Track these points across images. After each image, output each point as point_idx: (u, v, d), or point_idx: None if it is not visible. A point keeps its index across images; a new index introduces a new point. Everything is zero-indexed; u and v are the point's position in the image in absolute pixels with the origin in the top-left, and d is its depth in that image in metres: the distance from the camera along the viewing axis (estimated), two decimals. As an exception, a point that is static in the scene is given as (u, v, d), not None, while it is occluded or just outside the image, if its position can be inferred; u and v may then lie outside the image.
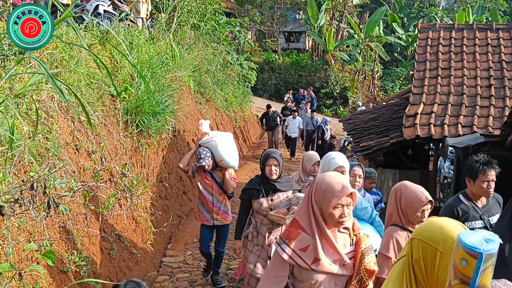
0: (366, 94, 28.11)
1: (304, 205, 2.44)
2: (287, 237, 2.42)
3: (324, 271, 2.38)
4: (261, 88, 26.90)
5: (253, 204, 4.30)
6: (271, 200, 4.26)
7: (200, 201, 5.40)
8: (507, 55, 7.95)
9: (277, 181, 4.26)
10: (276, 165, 4.22)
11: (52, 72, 3.14)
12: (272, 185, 4.25)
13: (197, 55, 12.58)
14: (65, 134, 4.93)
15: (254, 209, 4.30)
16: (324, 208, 2.35)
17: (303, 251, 2.37)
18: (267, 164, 4.22)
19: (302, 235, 2.39)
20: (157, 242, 6.62)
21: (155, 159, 7.60)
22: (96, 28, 7.17)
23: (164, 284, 5.50)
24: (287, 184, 4.36)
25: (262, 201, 4.24)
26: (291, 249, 2.39)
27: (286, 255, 2.39)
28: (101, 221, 5.12)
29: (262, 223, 4.29)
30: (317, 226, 2.38)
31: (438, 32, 8.75)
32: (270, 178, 4.22)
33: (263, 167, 4.26)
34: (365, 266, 2.42)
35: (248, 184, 4.43)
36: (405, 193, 3.04)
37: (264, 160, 4.25)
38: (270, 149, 4.44)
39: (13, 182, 2.46)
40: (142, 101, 6.85)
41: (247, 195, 4.33)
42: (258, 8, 28.39)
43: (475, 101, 7.11)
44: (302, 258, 2.37)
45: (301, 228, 2.40)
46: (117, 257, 5.29)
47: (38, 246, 2.10)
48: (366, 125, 8.89)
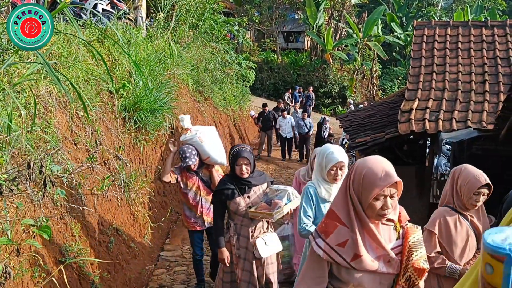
0: (365, 93, 28.20)
1: (342, 193, 2.14)
2: (323, 231, 2.13)
3: (366, 269, 2.08)
4: (260, 88, 27.00)
5: (229, 206, 4.00)
6: (247, 197, 3.98)
7: (187, 206, 5.04)
8: (502, 51, 8.01)
9: (250, 176, 4.00)
10: (246, 164, 3.94)
11: (49, 63, 3.20)
12: (246, 182, 3.97)
13: (195, 54, 12.65)
14: (63, 129, 4.99)
15: (231, 211, 4.01)
16: (364, 199, 2.06)
17: (341, 247, 2.08)
18: (237, 164, 3.93)
19: (339, 228, 2.10)
20: (155, 237, 6.69)
21: (153, 155, 7.66)
22: (94, 25, 7.24)
23: (161, 277, 5.57)
24: (260, 178, 4.10)
25: (238, 200, 3.95)
26: (327, 244, 2.10)
27: (322, 251, 2.11)
28: (99, 214, 5.19)
29: (242, 224, 4.01)
30: (357, 218, 2.09)
31: (433, 29, 8.82)
32: (241, 177, 3.96)
33: (233, 166, 3.98)
34: (413, 263, 2.11)
35: (219, 185, 4.10)
36: (463, 173, 2.92)
37: (234, 159, 3.95)
38: (239, 146, 4.06)
39: (10, 164, 2.53)
40: (140, 97, 6.91)
41: (220, 197, 4.01)
42: (257, 8, 28.51)
43: (470, 97, 7.17)
44: (340, 254, 2.08)
45: (338, 220, 2.11)
46: (115, 250, 5.35)
47: (34, 221, 2.17)
48: (363, 122, 8.96)
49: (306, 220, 3.55)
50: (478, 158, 6.06)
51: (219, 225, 4.07)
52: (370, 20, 26.30)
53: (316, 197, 3.59)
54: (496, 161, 5.98)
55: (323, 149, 3.67)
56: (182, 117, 5.07)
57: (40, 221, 2.18)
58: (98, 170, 4.74)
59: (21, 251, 2.55)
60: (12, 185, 2.08)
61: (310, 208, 3.58)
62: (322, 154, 3.61)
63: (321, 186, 3.58)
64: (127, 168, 6.15)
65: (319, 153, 3.66)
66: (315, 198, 3.59)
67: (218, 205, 4.07)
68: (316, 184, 3.61)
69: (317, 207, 3.59)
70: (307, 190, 3.62)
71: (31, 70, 2.97)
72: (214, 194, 4.11)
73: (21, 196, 2.52)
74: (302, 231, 3.54)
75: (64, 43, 5.61)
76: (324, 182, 3.58)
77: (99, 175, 5.14)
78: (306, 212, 3.57)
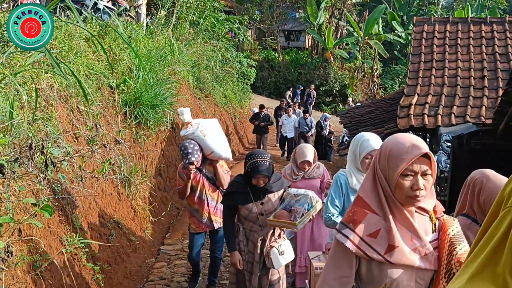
0: (366, 91, 28.22)
1: (370, 177, 1.88)
2: (351, 220, 1.83)
3: (402, 262, 1.78)
4: (260, 86, 27.05)
5: (239, 209, 3.74)
6: (261, 204, 3.69)
7: (193, 208, 4.74)
8: (501, 47, 8.05)
9: (267, 185, 3.68)
10: (264, 178, 3.62)
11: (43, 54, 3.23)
12: (261, 188, 3.66)
13: (196, 51, 12.70)
14: (64, 123, 5.03)
15: (242, 215, 3.75)
16: (390, 177, 1.79)
17: (372, 237, 1.79)
18: (254, 177, 3.60)
19: (369, 216, 1.82)
20: (155, 231, 6.73)
21: (153, 151, 7.71)
22: (95, 22, 7.29)
23: (162, 270, 5.62)
24: (277, 183, 3.75)
25: (250, 206, 3.67)
26: (357, 234, 1.80)
27: (351, 243, 1.80)
28: (100, 208, 5.24)
29: (251, 229, 3.78)
30: (389, 202, 1.81)
31: (433, 25, 8.86)
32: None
33: (249, 175, 3.63)
34: (459, 258, 1.79)
35: (231, 187, 3.83)
36: (487, 186, 2.48)
37: (251, 172, 3.59)
38: (259, 158, 3.63)
39: (11, 147, 2.57)
40: (140, 93, 6.95)
41: (232, 201, 3.76)
42: (258, 7, 28.54)
43: (469, 92, 7.21)
44: (372, 246, 1.79)
45: (367, 207, 1.83)
46: (116, 243, 5.40)
47: (36, 201, 2.21)
48: (362, 118, 9.01)
49: (333, 210, 3.35)
50: (477, 152, 6.11)
51: (229, 228, 3.79)
52: (371, 19, 26.33)
53: (346, 187, 3.38)
54: (494, 156, 6.03)
55: (357, 136, 3.39)
56: (182, 110, 4.82)
57: (41, 201, 2.23)
58: (98, 155, 4.75)
59: (23, 235, 2.59)
60: (14, 167, 2.12)
61: (339, 197, 3.38)
62: (356, 142, 3.33)
63: (353, 175, 3.35)
64: (128, 162, 6.20)
65: (353, 141, 3.38)
66: (344, 188, 3.38)
67: (229, 208, 3.81)
68: (348, 173, 3.39)
69: (346, 197, 3.38)
70: (338, 179, 3.42)
71: (32, 58, 3.01)
72: (225, 195, 3.83)
73: (23, 178, 2.57)
74: (327, 221, 3.36)
75: (65, 37, 5.65)
76: (357, 172, 3.34)
77: (99, 159, 5.17)
78: (333, 201, 3.38)
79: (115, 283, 4.94)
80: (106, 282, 4.69)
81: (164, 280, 5.32)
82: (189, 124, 4.67)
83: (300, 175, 4.81)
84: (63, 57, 5.48)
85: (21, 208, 2.92)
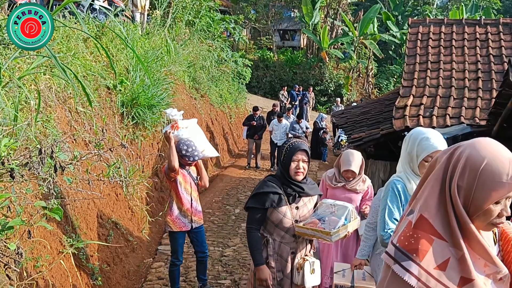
0: (361, 91, 28.34)
1: (435, 191, 1.48)
2: (413, 248, 1.46)
3: None
4: (256, 86, 27.13)
5: (270, 215, 3.16)
6: (296, 208, 3.17)
7: (177, 206, 4.66)
8: (495, 49, 8.14)
9: (303, 182, 3.19)
10: (305, 161, 3.14)
11: (49, 58, 3.27)
12: (298, 187, 3.15)
13: (192, 51, 12.74)
14: (63, 124, 5.06)
15: (272, 222, 3.16)
16: (478, 202, 1.42)
17: (441, 270, 1.44)
18: (293, 159, 3.10)
19: (436, 244, 1.45)
20: (153, 231, 6.77)
21: (150, 151, 7.74)
22: (92, 22, 7.31)
23: (159, 270, 5.65)
24: (313, 188, 3.29)
25: (284, 210, 3.13)
26: (423, 269, 1.44)
27: (415, 279, 1.43)
28: (98, 208, 5.27)
29: (282, 241, 3.18)
30: (461, 226, 1.45)
31: (428, 27, 8.93)
32: (294, 178, 3.14)
33: (287, 163, 3.13)
34: None
35: (262, 187, 3.19)
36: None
37: (290, 152, 3.11)
38: (295, 139, 3.25)
39: (20, 152, 2.61)
40: (137, 93, 6.99)
41: (263, 202, 3.14)
42: (253, 6, 28.61)
43: (463, 93, 7.29)
44: (442, 281, 1.43)
45: (433, 232, 1.46)
46: (114, 244, 5.43)
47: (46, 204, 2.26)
48: (358, 119, 9.07)
49: (393, 225, 2.72)
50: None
51: (256, 237, 3.18)
52: (366, 19, 26.45)
53: (405, 195, 2.76)
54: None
55: (413, 133, 2.81)
56: (172, 111, 4.66)
57: (51, 204, 2.27)
58: (103, 158, 4.80)
59: (25, 237, 2.63)
60: (24, 170, 2.16)
61: (398, 209, 2.75)
62: (412, 140, 2.76)
63: (411, 181, 2.77)
64: (125, 163, 6.23)
65: (409, 139, 2.79)
66: (403, 196, 2.76)
67: (256, 212, 3.18)
68: (405, 178, 2.79)
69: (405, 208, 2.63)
70: (393, 186, 2.79)
71: (36, 62, 3.04)
72: (254, 197, 3.20)
73: (29, 181, 2.61)
74: (385, 239, 2.72)
75: (63, 38, 5.68)
76: (415, 176, 2.77)
77: (104, 163, 5.22)
78: (392, 214, 2.74)
79: (113, 283, 4.97)
80: (105, 282, 4.73)
81: (162, 280, 5.36)
82: (175, 124, 4.56)
83: (340, 183, 4.28)
84: (61, 58, 5.51)
85: (27, 211, 2.96)
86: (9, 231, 2.21)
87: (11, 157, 2.04)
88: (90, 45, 6.58)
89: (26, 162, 2.14)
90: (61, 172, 2.31)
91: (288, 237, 3.16)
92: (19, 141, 2.68)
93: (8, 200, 2.21)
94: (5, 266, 2.21)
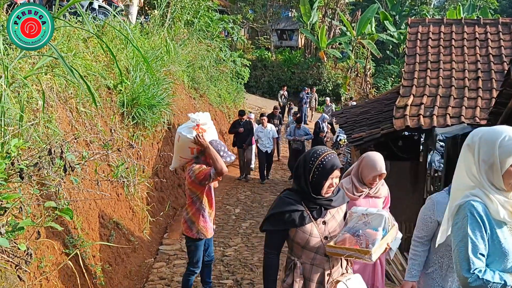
0: (359, 91, 28.38)
1: None
2: None
3: None
4: (254, 85, 27.13)
5: (293, 236, 2.69)
6: (323, 223, 2.70)
7: (208, 212, 4.38)
8: (494, 49, 8.16)
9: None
10: (338, 177, 2.72)
11: (53, 58, 3.26)
12: (323, 201, 2.69)
13: (190, 51, 12.74)
14: (64, 124, 5.04)
15: (297, 244, 2.69)
16: None
17: None
18: (329, 177, 2.64)
19: None
20: (154, 231, 6.76)
21: (150, 151, 7.73)
22: (92, 22, 7.29)
23: (161, 269, 5.65)
24: (338, 197, 2.80)
25: (310, 228, 2.66)
26: None
27: None
28: (99, 208, 5.26)
29: (313, 263, 2.69)
30: None
31: (427, 26, 8.95)
32: (324, 195, 2.69)
33: (318, 182, 2.65)
34: None
35: (279, 206, 2.71)
36: None
37: (325, 171, 2.63)
38: (326, 151, 2.69)
39: (28, 152, 2.61)
40: (137, 93, 6.98)
41: (281, 223, 2.67)
42: (251, 6, 28.61)
43: (463, 93, 7.31)
44: None
45: None
46: (116, 244, 5.42)
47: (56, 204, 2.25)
48: (358, 118, 9.07)
49: (478, 262, 2.01)
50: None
51: (271, 263, 2.74)
52: (363, 18, 26.49)
53: (489, 219, 2.04)
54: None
55: (486, 135, 2.05)
56: (197, 115, 4.49)
57: (61, 204, 2.27)
58: (109, 159, 4.81)
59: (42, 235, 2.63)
60: (32, 171, 2.16)
61: (482, 239, 2.03)
62: (487, 144, 2.03)
63: (494, 201, 2.04)
64: (126, 163, 6.22)
65: (479, 142, 2.06)
66: (487, 221, 2.04)
67: (274, 235, 2.75)
68: (484, 195, 2.05)
69: (491, 235, 2.04)
70: (472, 210, 2.04)
71: (41, 62, 3.03)
72: (270, 218, 2.73)
73: (37, 183, 2.61)
74: (472, 282, 1.98)
75: (63, 38, 5.66)
76: (498, 192, 2.05)
77: (109, 163, 5.22)
78: (476, 249, 2.02)
79: (115, 283, 4.96)
80: (107, 283, 4.72)
81: (164, 280, 5.35)
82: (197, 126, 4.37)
83: (364, 192, 3.69)
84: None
85: (34, 211, 2.95)
86: (20, 232, 2.20)
87: (20, 157, 2.04)
88: (90, 45, 6.56)
89: (36, 163, 2.13)
90: (71, 172, 2.31)
91: (319, 258, 2.68)
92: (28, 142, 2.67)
93: (18, 201, 2.21)
94: (16, 267, 2.21)
